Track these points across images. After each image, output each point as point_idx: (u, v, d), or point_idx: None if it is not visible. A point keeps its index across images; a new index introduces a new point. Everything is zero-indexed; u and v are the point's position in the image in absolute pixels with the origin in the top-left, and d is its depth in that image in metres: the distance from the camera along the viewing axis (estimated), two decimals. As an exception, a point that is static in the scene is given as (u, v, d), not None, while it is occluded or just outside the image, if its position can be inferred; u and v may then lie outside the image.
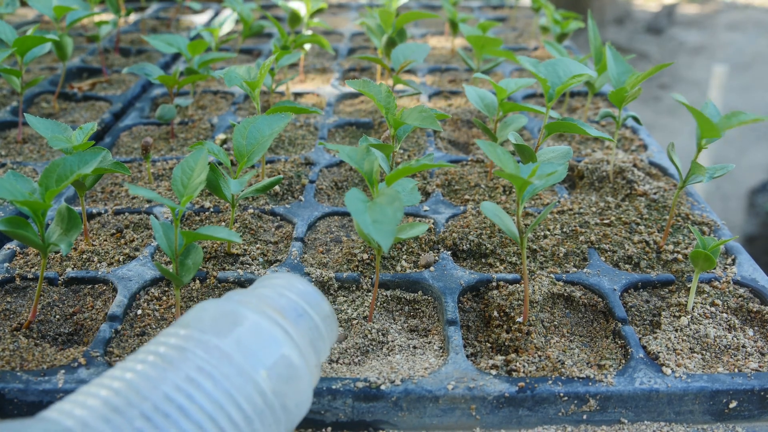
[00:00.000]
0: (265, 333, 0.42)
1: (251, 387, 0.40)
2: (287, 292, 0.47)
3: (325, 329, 0.47)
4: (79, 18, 1.06)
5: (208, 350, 0.40)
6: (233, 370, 0.40)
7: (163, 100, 1.16)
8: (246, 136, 0.65)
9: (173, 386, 0.38)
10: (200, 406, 0.37)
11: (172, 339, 0.41)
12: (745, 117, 0.64)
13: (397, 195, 0.50)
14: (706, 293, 0.66)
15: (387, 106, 0.69)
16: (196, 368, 0.39)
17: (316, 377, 0.46)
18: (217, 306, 0.44)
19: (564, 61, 0.68)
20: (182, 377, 0.38)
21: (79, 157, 0.57)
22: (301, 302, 0.47)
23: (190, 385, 0.38)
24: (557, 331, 0.63)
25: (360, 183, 0.90)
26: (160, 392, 0.37)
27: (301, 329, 0.45)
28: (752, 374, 0.56)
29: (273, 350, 0.42)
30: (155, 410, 0.36)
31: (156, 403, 0.36)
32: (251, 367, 0.40)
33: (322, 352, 0.47)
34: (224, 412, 0.38)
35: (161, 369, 0.39)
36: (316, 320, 0.47)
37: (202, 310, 0.43)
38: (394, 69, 0.97)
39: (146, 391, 0.37)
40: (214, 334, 0.41)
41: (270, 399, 0.40)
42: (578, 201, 0.83)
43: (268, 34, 1.52)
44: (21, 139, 1.00)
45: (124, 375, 0.38)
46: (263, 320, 0.43)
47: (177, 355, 0.40)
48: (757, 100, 3.77)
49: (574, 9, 2.95)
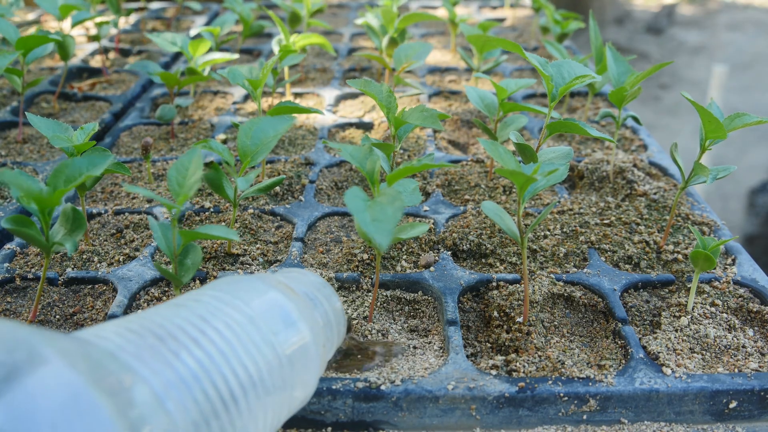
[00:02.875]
0: (281, 305, 0.43)
1: (263, 340, 0.40)
2: (303, 279, 0.48)
3: (335, 320, 0.48)
4: (84, 19, 1.06)
5: (224, 302, 0.41)
6: (245, 320, 0.40)
7: (163, 100, 1.16)
8: (251, 137, 0.65)
9: (185, 320, 0.38)
10: (212, 341, 0.38)
11: (191, 294, 0.42)
12: (749, 119, 0.64)
13: (399, 195, 0.51)
14: (706, 293, 0.66)
15: (388, 105, 0.69)
16: (211, 312, 0.40)
17: (322, 364, 0.46)
18: (239, 278, 0.45)
19: (568, 62, 0.68)
20: (196, 315, 0.39)
21: (88, 159, 0.57)
22: (315, 291, 0.48)
23: (201, 321, 0.38)
24: (557, 331, 0.63)
25: (360, 183, 0.90)
26: (173, 323, 0.38)
27: (314, 312, 0.46)
28: (752, 374, 0.56)
29: (287, 321, 0.43)
30: (168, 334, 0.37)
31: (169, 330, 0.37)
32: (265, 326, 0.41)
33: (330, 342, 0.48)
34: (233, 351, 0.38)
35: (176, 310, 0.39)
36: (327, 308, 0.48)
37: (223, 279, 0.45)
38: (395, 69, 0.98)
39: (160, 321, 0.38)
40: (231, 293, 0.42)
41: (282, 359, 0.41)
42: (578, 201, 0.83)
43: (268, 34, 1.52)
44: (21, 139, 1.00)
45: (141, 313, 0.39)
46: (280, 295, 0.44)
47: (193, 304, 0.40)
48: (758, 100, 3.77)
49: (574, 9, 2.95)
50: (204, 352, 0.37)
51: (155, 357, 0.35)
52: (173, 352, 0.36)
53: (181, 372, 0.35)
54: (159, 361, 0.35)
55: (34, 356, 0.30)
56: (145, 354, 0.35)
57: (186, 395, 0.35)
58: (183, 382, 0.35)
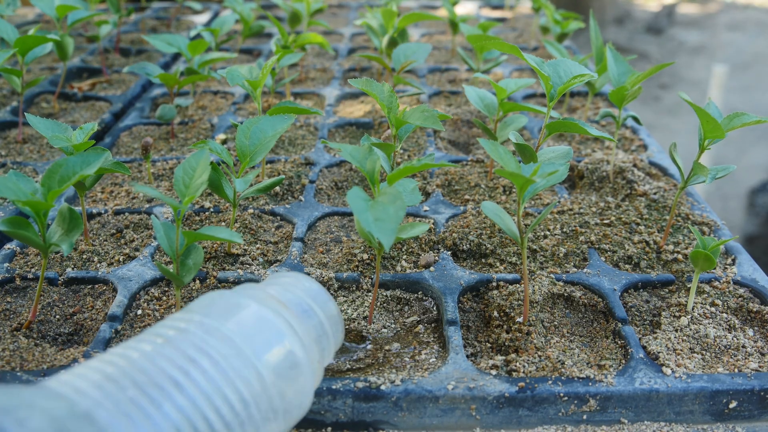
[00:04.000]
0: (268, 323, 0.43)
1: (250, 371, 0.39)
2: (294, 288, 0.47)
3: (331, 329, 0.47)
4: (82, 18, 1.06)
5: (209, 332, 0.40)
6: (233, 352, 0.39)
7: (163, 100, 1.16)
8: (249, 136, 0.65)
9: (169, 361, 0.37)
10: (195, 383, 0.37)
11: (175, 322, 0.41)
12: (747, 118, 0.64)
13: (399, 194, 0.51)
14: (706, 293, 0.66)
15: (389, 105, 0.69)
16: (195, 347, 0.38)
17: (318, 376, 0.46)
18: (223, 296, 0.44)
19: (566, 61, 0.68)
20: (180, 354, 0.38)
21: (82, 158, 0.57)
22: (308, 299, 0.47)
23: (187, 362, 0.37)
24: (557, 331, 0.63)
25: (360, 183, 0.90)
26: (156, 366, 0.37)
27: (306, 325, 0.45)
28: (752, 374, 0.56)
29: (275, 340, 0.42)
30: (150, 382, 0.36)
31: (151, 376, 0.36)
32: (252, 353, 0.40)
33: (327, 351, 0.47)
34: (220, 392, 0.37)
35: (160, 346, 0.38)
36: (321, 318, 0.47)
37: (208, 298, 0.43)
38: (395, 69, 0.98)
39: (142, 364, 0.37)
40: (216, 318, 0.41)
41: (269, 386, 0.40)
42: (578, 201, 0.83)
43: (268, 34, 1.52)
44: (21, 139, 1.00)
45: (123, 351, 0.38)
46: (268, 312, 0.43)
47: (177, 335, 0.39)
48: (758, 100, 3.77)
49: (575, 9, 2.95)
50: (187, 398, 0.36)
51: (135, 412, 0.34)
52: (155, 403, 0.35)
53: (163, 426, 0.35)
54: (139, 417, 0.34)
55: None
56: (125, 409, 0.34)
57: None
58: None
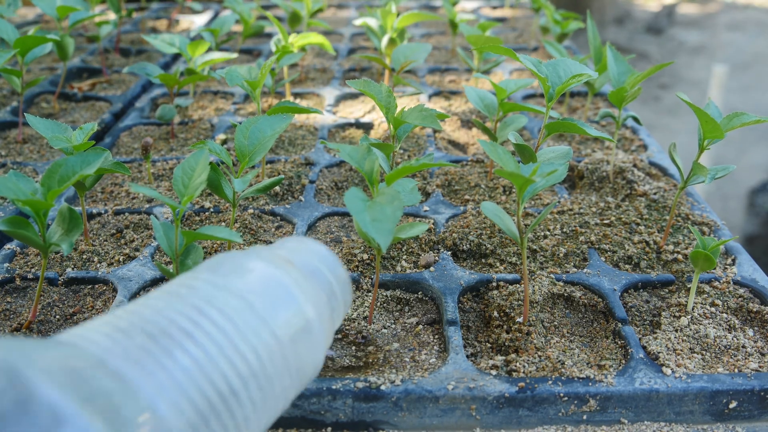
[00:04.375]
0: (277, 281, 0.42)
1: (261, 325, 0.39)
2: (302, 250, 0.46)
3: (340, 290, 0.47)
4: (82, 19, 1.06)
5: (218, 287, 0.39)
6: (243, 306, 0.39)
7: (163, 101, 1.16)
8: (248, 136, 0.65)
9: (179, 314, 0.36)
10: (206, 332, 0.36)
11: (184, 280, 0.41)
12: (747, 118, 0.64)
13: (397, 194, 0.51)
14: (706, 293, 0.66)
15: (387, 105, 0.69)
16: (205, 301, 0.38)
17: (329, 337, 0.45)
18: (231, 256, 0.43)
19: (564, 61, 0.68)
20: (190, 307, 0.37)
21: (82, 158, 0.57)
22: (316, 261, 0.46)
23: (197, 314, 0.37)
24: (557, 332, 0.63)
25: (360, 183, 0.90)
26: (166, 318, 0.36)
27: (315, 285, 0.44)
28: (752, 374, 0.56)
29: (285, 298, 0.41)
30: (160, 332, 0.35)
31: (161, 327, 0.35)
32: (262, 308, 0.39)
33: (336, 313, 0.46)
34: (231, 342, 0.37)
35: (169, 301, 0.38)
36: (330, 279, 0.46)
37: (215, 259, 0.43)
38: (395, 69, 0.98)
39: (152, 317, 0.36)
40: (224, 276, 0.40)
41: (281, 340, 0.39)
42: (578, 201, 0.83)
43: (268, 34, 1.52)
44: (21, 139, 1.00)
45: (132, 308, 0.38)
46: (277, 271, 0.42)
47: (187, 291, 0.39)
48: (757, 100, 3.77)
49: (574, 9, 2.95)
50: (198, 346, 0.35)
51: (146, 358, 0.34)
52: (165, 350, 0.34)
53: (174, 372, 0.34)
54: (150, 363, 0.34)
55: (16, 381, 0.28)
56: (135, 356, 0.34)
57: (180, 396, 0.34)
58: (176, 383, 0.34)
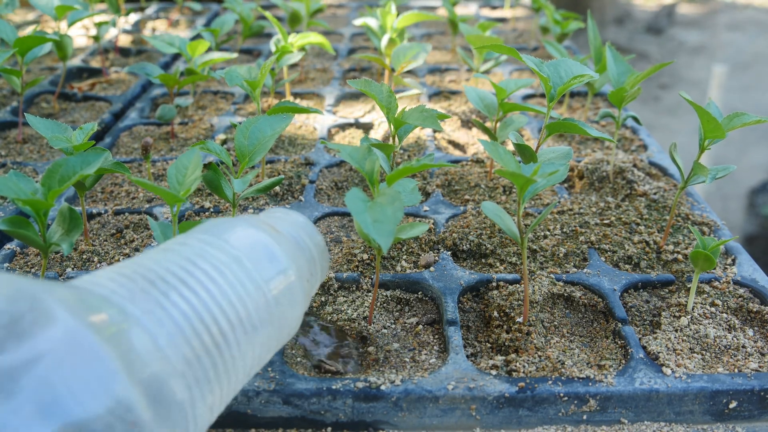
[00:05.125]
0: (262, 241, 0.45)
1: (246, 276, 0.42)
2: (284, 220, 0.50)
3: (318, 257, 0.51)
4: (80, 18, 1.06)
5: (210, 245, 0.43)
6: (230, 260, 0.42)
7: (163, 100, 1.16)
8: (248, 136, 0.65)
9: (173, 263, 0.40)
10: (198, 280, 0.40)
11: (175, 239, 0.44)
12: (747, 118, 0.64)
13: (398, 195, 0.51)
14: (706, 293, 0.66)
15: (388, 106, 0.69)
16: (196, 254, 0.42)
17: (306, 302, 0.49)
18: (223, 221, 0.47)
19: (566, 61, 0.68)
20: (183, 259, 0.41)
21: (82, 158, 0.57)
22: (298, 229, 0.50)
23: (189, 265, 0.41)
24: (557, 332, 0.63)
25: (360, 183, 0.90)
26: (162, 267, 0.40)
27: (297, 250, 0.48)
28: (752, 374, 0.56)
29: (269, 256, 0.45)
30: (158, 278, 0.39)
31: (159, 274, 0.39)
32: (250, 264, 0.43)
33: (314, 278, 0.50)
34: (220, 289, 0.40)
35: (164, 254, 0.42)
36: (310, 246, 0.50)
37: (204, 224, 0.47)
38: (395, 69, 0.98)
39: (150, 266, 0.40)
40: (213, 235, 0.44)
41: (265, 292, 0.43)
42: (578, 201, 0.83)
43: (268, 34, 1.52)
44: (21, 139, 1.00)
45: (130, 261, 0.41)
46: (262, 234, 0.46)
47: (178, 247, 0.42)
48: (757, 100, 3.77)
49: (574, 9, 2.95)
50: (192, 291, 0.39)
51: (146, 298, 0.37)
52: (163, 293, 0.38)
53: (171, 311, 0.38)
54: (150, 302, 0.37)
55: (35, 305, 0.31)
56: (137, 296, 0.37)
57: (176, 333, 0.37)
58: (173, 320, 0.37)
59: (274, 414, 0.54)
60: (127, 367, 0.33)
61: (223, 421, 0.55)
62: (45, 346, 0.30)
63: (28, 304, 0.31)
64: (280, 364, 0.57)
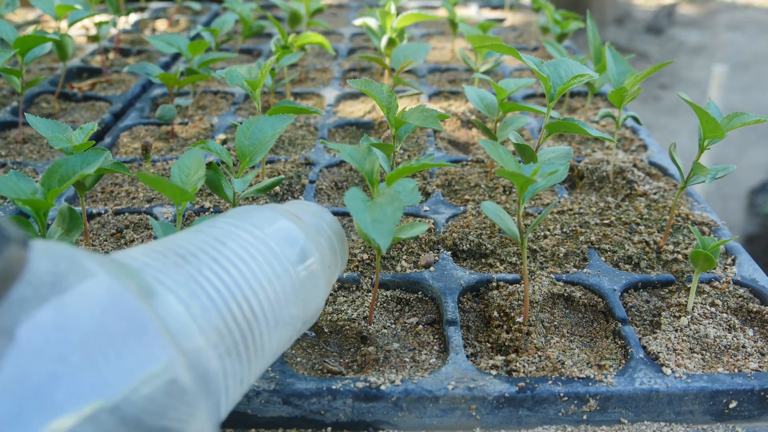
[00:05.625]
0: (290, 229, 0.47)
1: (275, 259, 0.44)
2: (304, 208, 0.52)
3: (339, 247, 0.52)
4: (81, 18, 1.06)
5: (236, 226, 0.45)
6: (258, 241, 0.44)
7: (163, 100, 1.16)
8: (248, 136, 0.65)
9: (204, 242, 0.42)
10: (227, 258, 0.41)
11: (205, 222, 0.46)
12: (747, 118, 0.64)
13: (397, 195, 0.51)
14: (706, 293, 0.66)
15: (388, 105, 0.69)
16: (225, 235, 0.43)
17: (328, 289, 0.51)
18: (249, 208, 0.48)
19: (566, 61, 0.68)
20: (212, 239, 0.42)
21: (82, 158, 0.57)
22: (319, 219, 0.52)
23: (219, 244, 0.42)
24: (557, 331, 0.63)
25: (360, 183, 0.90)
26: (193, 245, 0.41)
27: (319, 238, 0.50)
28: (752, 374, 0.56)
29: (294, 240, 0.47)
30: (189, 254, 0.40)
31: (190, 250, 0.41)
32: (277, 246, 0.45)
33: (335, 266, 0.52)
34: (248, 267, 0.42)
35: (195, 235, 0.43)
36: (330, 233, 0.52)
37: (234, 210, 0.48)
38: (395, 69, 0.98)
39: (180, 243, 0.41)
40: (243, 220, 0.46)
41: (291, 273, 0.44)
42: (578, 201, 0.83)
43: (268, 34, 1.52)
44: (21, 139, 1.00)
45: (159, 242, 0.43)
46: (289, 222, 0.48)
47: (209, 229, 0.44)
48: (757, 100, 3.77)
49: (574, 9, 2.95)
50: (223, 268, 0.40)
51: (179, 272, 0.39)
52: (195, 267, 0.39)
53: (203, 284, 0.39)
54: (183, 275, 0.39)
55: (77, 266, 0.33)
56: (171, 270, 0.39)
57: (209, 304, 0.38)
58: (205, 292, 0.39)
59: (274, 414, 0.54)
60: (166, 331, 0.34)
61: (223, 421, 0.55)
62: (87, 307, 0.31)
63: (69, 264, 0.32)
64: (280, 364, 0.57)
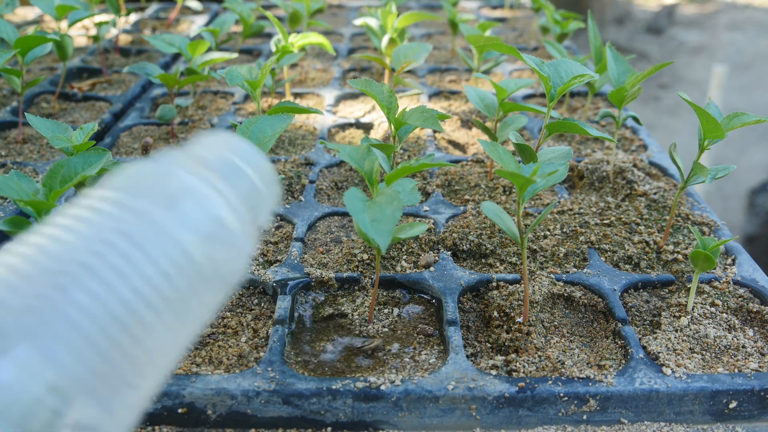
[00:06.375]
0: (191, 189, 0.40)
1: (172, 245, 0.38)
2: (218, 147, 0.44)
3: (262, 184, 0.45)
4: (81, 18, 1.06)
5: (126, 210, 0.38)
6: (152, 229, 0.37)
7: (163, 100, 1.16)
8: (248, 136, 0.65)
9: (86, 251, 0.36)
10: (109, 265, 0.35)
11: (90, 201, 0.39)
12: (747, 118, 0.64)
13: (396, 195, 0.51)
14: (706, 293, 0.66)
15: (389, 106, 0.69)
16: (111, 228, 0.37)
17: (252, 240, 0.44)
18: (143, 166, 0.41)
19: (566, 61, 0.68)
20: (93, 237, 0.36)
21: (84, 159, 0.57)
22: (233, 156, 0.44)
23: (100, 245, 0.36)
24: (557, 332, 0.63)
25: (360, 183, 0.90)
26: (73, 258, 0.35)
27: (233, 184, 0.43)
28: (752, 374, 0.56)
29: (199, 207, 0.40)
30: (58, 270, 0.35)
31: (60, 263, 0.35)
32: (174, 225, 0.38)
33: (259, 210, 0.45)
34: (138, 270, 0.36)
35: (70, 230, 0.37)
36: (249, 174, 0.44)
37: (128, 170, 0.41)
38: (395, 69, 0.98)
39: (59, 256, 0.36)
40: (134, 194, 0.39)
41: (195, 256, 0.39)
42: (578, 201, 0.83)
43: (268, 34, 1.52)
44: (21, 139, 1.00)
45: (34, 239, 0.37)
46: (191, 177, 0.41)
47: (92, 216, 0.38)
48: (757, 100, 3.77)
49: (574, 9, 2.95)
50: (100, 280, 0.35)
51: (43, 305, 0.33)
52: (61, 290, 0.34)
53: (73, 316, 0.34)
54: (47, 311, 0.33)
55: None
56: (32, 303, 0.33)
57: (80, 341, 0.33)
58: (75, 327, 0.33)
59: (274, 414, 0.54)
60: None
61: (223, 421, 0.55)
62: None
63: None
64: (280, 364, 0.57)
